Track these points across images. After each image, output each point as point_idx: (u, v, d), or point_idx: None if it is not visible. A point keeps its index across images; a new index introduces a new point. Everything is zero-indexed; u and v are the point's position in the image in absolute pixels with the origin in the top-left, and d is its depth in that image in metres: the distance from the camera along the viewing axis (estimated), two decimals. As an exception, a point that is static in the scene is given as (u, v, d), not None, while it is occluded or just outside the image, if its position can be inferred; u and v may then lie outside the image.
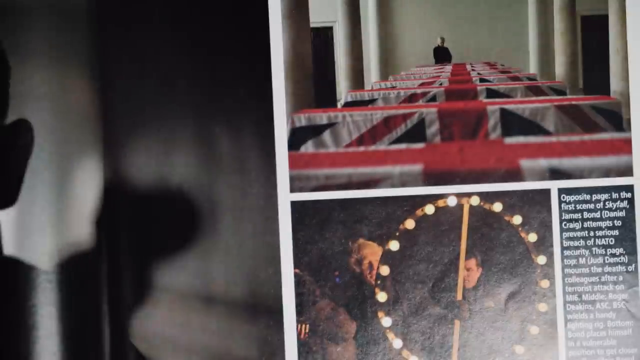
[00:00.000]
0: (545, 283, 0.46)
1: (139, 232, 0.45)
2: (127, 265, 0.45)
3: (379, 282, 0.46)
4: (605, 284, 0.46)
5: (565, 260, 0.46)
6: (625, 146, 0.46)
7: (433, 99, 0.47)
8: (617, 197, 0.46)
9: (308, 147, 0.46)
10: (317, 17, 0.46)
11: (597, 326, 0.46)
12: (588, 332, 0.46)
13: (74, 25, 0.45)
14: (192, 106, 0.46)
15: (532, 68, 0.48)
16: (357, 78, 0.47)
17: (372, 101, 0.47)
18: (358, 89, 0.47)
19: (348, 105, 0.47)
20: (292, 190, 0.46)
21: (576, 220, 0.46)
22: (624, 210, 0.46)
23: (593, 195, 0.46)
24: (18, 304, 0.43)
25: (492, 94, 0.47)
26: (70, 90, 0.44)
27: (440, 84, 0.47)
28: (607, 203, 0.46)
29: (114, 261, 0.46)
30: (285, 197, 0.46)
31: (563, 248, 0.46)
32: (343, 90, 0.47)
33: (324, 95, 0.47)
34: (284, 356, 0.46)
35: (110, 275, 0.46)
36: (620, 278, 0.46)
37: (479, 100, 0.46)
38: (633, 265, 0.46)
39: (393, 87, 0.48)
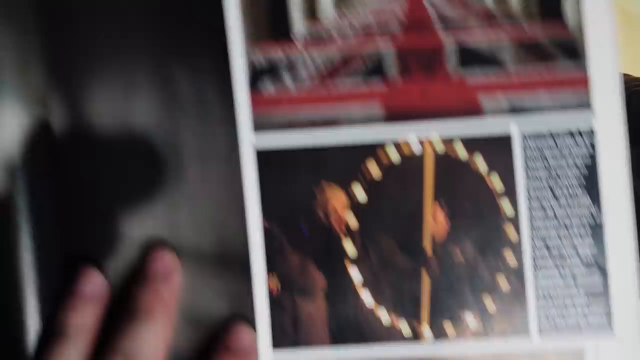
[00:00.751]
0: (512, 234, 0.46)
1: (101, 182, 0.45)
2: (93, 215, 0.45)
3: (347, 235, 0.46)
4: (574, 236, 0.46)
5: (532, 210, 0.46)
6: (584, 80, 0.46)
7: (389, 32, 0.47)
8: (582, 143, 0.46)
9: (268, 90, 0.46)
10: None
11: (565, 276, 0.46)
12: (557, 284, 0.46)
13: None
14: (149, 46, 0.45)
15: (489, -1, 0.47)
16: (311, 8, 0.47)
17: (327, 35, 0.47)
18: (313, 19, 0.47)
19: (305, 40, 0.47)
20: (255, 135, 0.46)
21: (541, 168, 0.46)
22: (589, 157, 0.46)
23: (557, 141, 0.46)
24: None
25: (448, 25, 0.47)
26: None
27: (396, 16, 0.47)
28: (571, 149, 0.46)
29: (78, 211, 0.45)
30: (248, 143, 0.45)
31: (530, 197, 0.46)
32: (297, 21, 0.46)
33: (278, 30, 0.46)
34: (253, 310, 0.45)
35: (76, 225, 0.45)
36: (588, 229, 0.46)
37: (436, 34, 0.46)
38: (600, 216, 0.46)
39: (347, 17, 0.47)
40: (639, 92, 0.49)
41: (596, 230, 0.46)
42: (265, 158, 0.46)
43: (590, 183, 0.46)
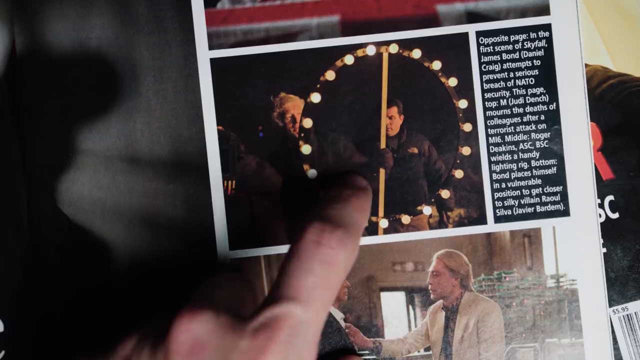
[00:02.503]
0: (467, 127, 0.46)
1: (59, 98, 0.46)
2: (49, 130, 0.46)
3: (302, 135, 0.46)
4: (527, 124, 0.46)
5: (486, 102, 0.46)
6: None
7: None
8: (535, 36, 0.46)
9: (224, 3, 0.46)
10: None
11: (521, 167, 0.46)
12: (513, 173, 0.46)
13: None
14: None
15: None
16: None
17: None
18: None
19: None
20: (210, 47, 0.46)
21: (495, 62, 0.46)
22: (542, 50, 0.46)
23: (511, 37, 0.46)
24: None
25: None
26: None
27: None
28: (525, 43, 0.46)
29: (34, 127, 0.46)
30: (204, 55, 0.46)
31: (483, 91, 0.46)
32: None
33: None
34: (212, 213, 0.46)
35: (30, 141, 0.46)
36: (542, 117, 0.46)
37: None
38: (554, 103, 0.46)
39: None
40: (639, 92, 0.49)
41: (549, 116, 0.46)
42: (221, 68, 0.46)
43: (545, 74, 0.46)
